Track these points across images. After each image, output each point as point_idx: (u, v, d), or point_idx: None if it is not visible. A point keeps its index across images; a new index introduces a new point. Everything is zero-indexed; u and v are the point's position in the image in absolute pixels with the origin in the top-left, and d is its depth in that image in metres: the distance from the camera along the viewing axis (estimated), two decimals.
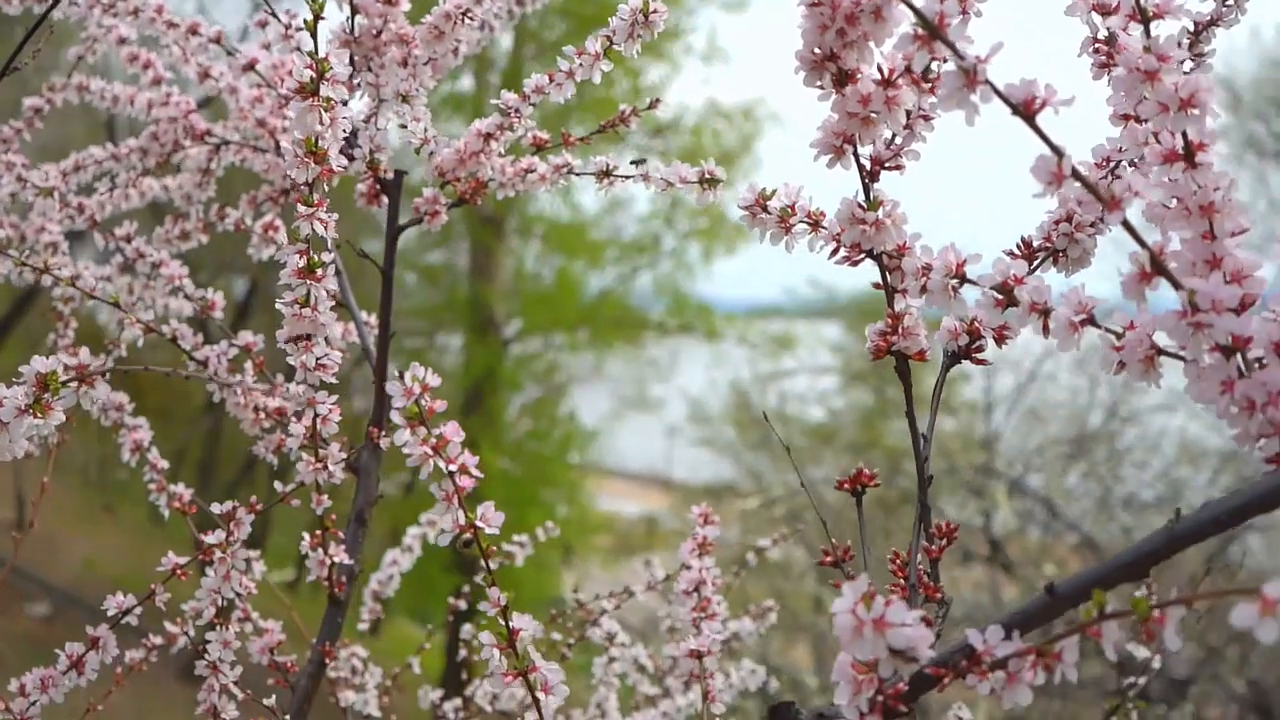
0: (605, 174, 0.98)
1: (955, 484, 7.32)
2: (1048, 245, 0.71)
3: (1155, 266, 0.53)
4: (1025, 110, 0.52)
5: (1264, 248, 9.54)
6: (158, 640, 1.19)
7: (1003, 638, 0.53)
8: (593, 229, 11.77)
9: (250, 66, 1.03)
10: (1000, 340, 0.69)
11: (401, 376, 0.63)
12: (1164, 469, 7.52)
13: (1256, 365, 0.54)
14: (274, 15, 1.00)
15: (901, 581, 0.65)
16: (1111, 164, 0.70)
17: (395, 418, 0.64)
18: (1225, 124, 9.40)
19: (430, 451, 0.64)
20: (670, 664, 1.44)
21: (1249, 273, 0.55)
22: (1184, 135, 0.55)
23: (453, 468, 0.64)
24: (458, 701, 1.39)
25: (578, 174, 1.00)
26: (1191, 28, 0.74)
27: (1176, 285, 0.53)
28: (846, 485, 0.70)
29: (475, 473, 0.65)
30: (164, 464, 1.12)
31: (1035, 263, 0.71)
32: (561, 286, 11.42)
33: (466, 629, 1.34)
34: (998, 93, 0.52)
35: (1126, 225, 0.53)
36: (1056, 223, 0.70)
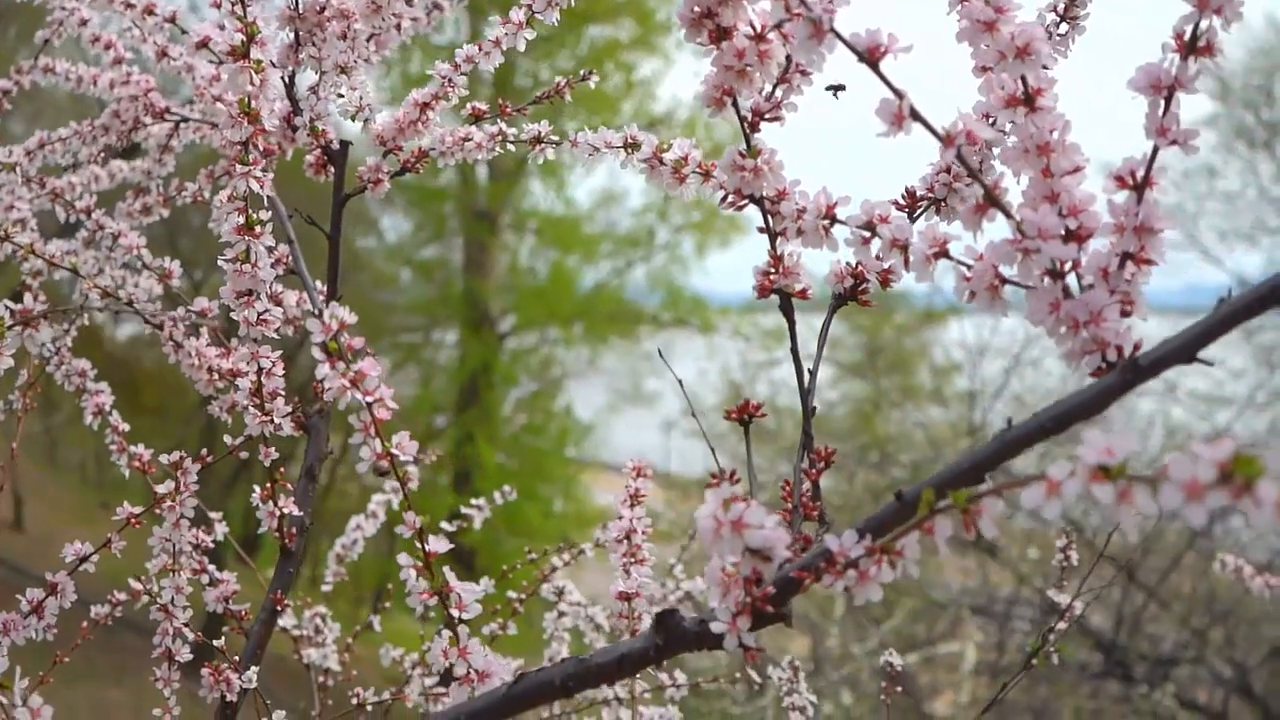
0: (537, 141, 1.03)
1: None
2: (930, 194, 0.76)
3: (989, 200, 0.58)
4: (870, 57, 0.57)
5: (1253, 236, 9.58)
6: (122, 596, 1.24)
7: (856, 541, 0.58)
8: (586, 223, 11.83)
9: (204, 44, 1.08)
10: (885, 283, 0.74)
11: (321, 315, 0.68)
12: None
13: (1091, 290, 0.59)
14: None
15: (789, 505, 0.71)
16: (990, 118, 0.75)
17: (315, 352, 0.69)
18: (1214, 113, 9.44)
19: (348, 384, 0.69)
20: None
21: (1083, 207, 0.60)
22: (1023, 81, 0.60)
23: (370, 399, 0.69)
24: (415, 656, 1.45)
25: (512, 142, 1.05)
26: None
27: (1009, 215, 0.58)
28: (734, 415, 0.75)
29: (391, 404, 0.70)
30: (125, 426, 1.16)
31: (918, 211, 0.76)
32: (556, 281, 11.48)
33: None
34: (844, 41, 0.57)
35: (960, 159, 0.58)
36: (938, 173, 0.75)
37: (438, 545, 0.72)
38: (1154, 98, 0.58)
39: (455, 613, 0.72)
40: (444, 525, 1.46)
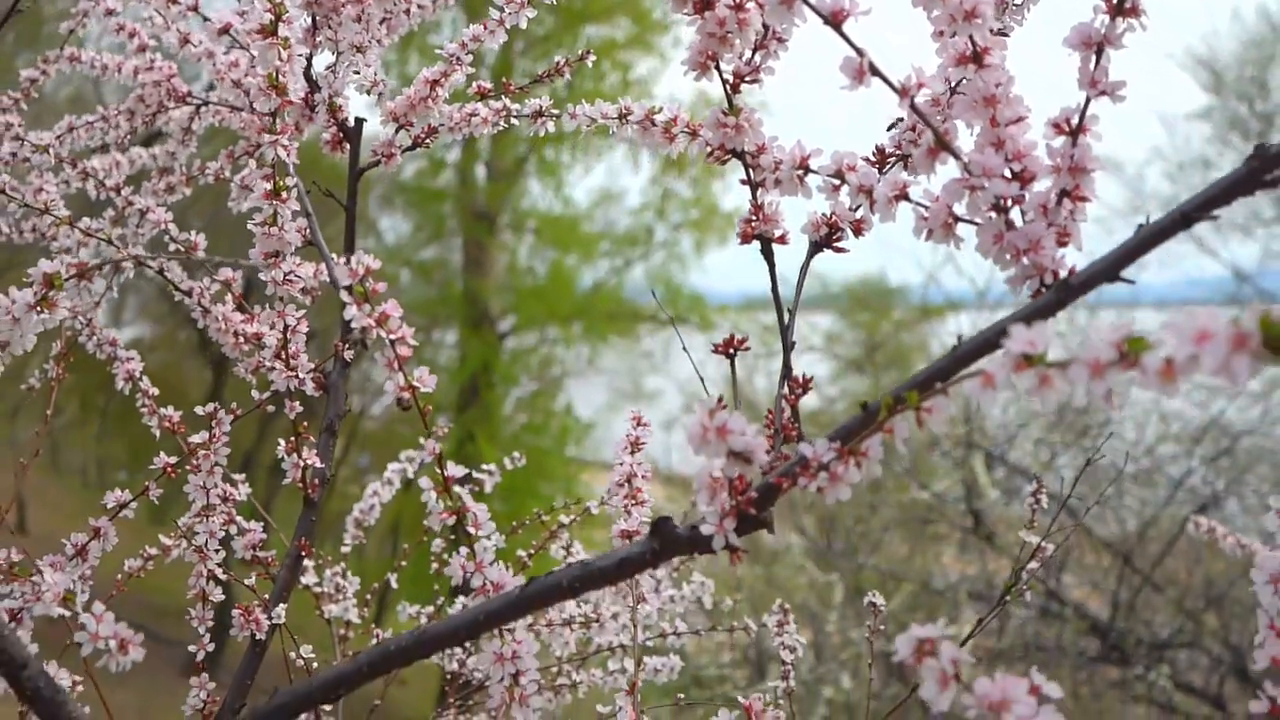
0: (539, 114, 1.11)
1: (947, 466, 7.47)
2: (898, 151, 0.83)
3: (940, 144, 0.66)
4: (834, 19, 0.65)
5: (1248, 227, 9.63)
6: (153, 551, 1.32)
7: (827, 446, 0.65)
8: (585, 222, 11.92)
9: (225, 30, 1.16)
10: (857, 232, 0.81)
11: (348, 261, 0.75)
12: (1146, 444, 7.67)
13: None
14: None
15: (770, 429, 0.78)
16: (946, 78, 0.82)
17: (343, 295, 0.76)
18: (1209, 105, 9.50)
19: (373, 324, 0.76)
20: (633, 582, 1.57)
21: (1027, 152, 0.67)
22: (971, 40, 0.68)
23: (393, 337, 0.77)
24: (430, 609, 1.52)
25: (516, 117, 1.13)
26: None
27: (957, 157, 0.65)
28: (720, 349, 0.83)
29: (412, 341, 0.78)
30: (155, 391, 1.24)
31: (887, 166, 0.83)
32: (555, 280, 11.57)
33: (436, 544, 1.47)
34: (810, 5, 0.64)
35: (914, 109, 0.65)
36: (904, 131, 0.83)
37: (455, 471, 0.80)
38: (1086, 53, 0.66)
39: (472, 530, 0.80)
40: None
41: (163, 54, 1.39)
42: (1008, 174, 0.66)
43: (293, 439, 1.11)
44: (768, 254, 0.80)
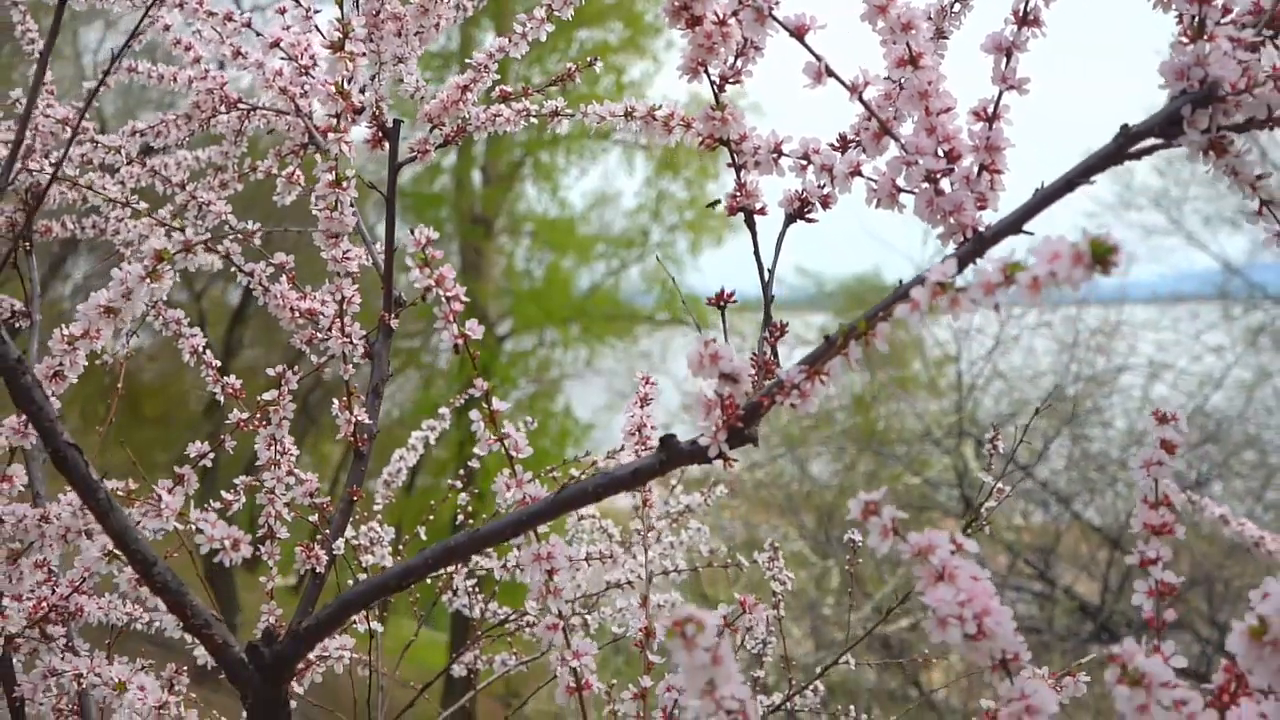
0: (555, 114, 1.28)
1: (939, 454, 7.65)
2: (856, 138, 1.00)
3: (883, 130, 0.83)
4: (798, 33, 0.82)
5: (1236, 220, 9.80)
6: (216, 505, 1.49)
7: (798, 370, 0.83)
8: (580, 225, 12.10)
9: (275, 44, 1.33)
10: (825, 204, 0.99)
11: (412, 231, 0.93)
12: (1137, 432, 7.86)
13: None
14: (297, 1, 1.30)
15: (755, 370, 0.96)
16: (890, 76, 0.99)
17: (408, 260, 0.94)
18: None
19: (433, 284, 0.94)
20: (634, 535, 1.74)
21: (952, 135, 0.85)
22: (908, 47, 0.85)
23: (449, 295, 0.94)
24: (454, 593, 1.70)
25: (534, 116, 1.30)
26: None
27: (897, 140, 0.83)
28: (713, 301, 1.01)
29: (463, 298, 0.95)
30: (217, 363, 1.41)
31: (848, 149, 1.00)
32: (552, 283, 11.74)
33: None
34: (779, 22, 0.82)
35: (862, 102, 0.83)
36: (861, 120, 1.00)
37: (500, 405, 0.97)
38: (998, 55, 0.83)
39: (514, 454, 0.97)
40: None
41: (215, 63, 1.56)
42: (938, 153, 0.83)
43: (345, 398, 1.28)
44: (750, 224, 0.97)
